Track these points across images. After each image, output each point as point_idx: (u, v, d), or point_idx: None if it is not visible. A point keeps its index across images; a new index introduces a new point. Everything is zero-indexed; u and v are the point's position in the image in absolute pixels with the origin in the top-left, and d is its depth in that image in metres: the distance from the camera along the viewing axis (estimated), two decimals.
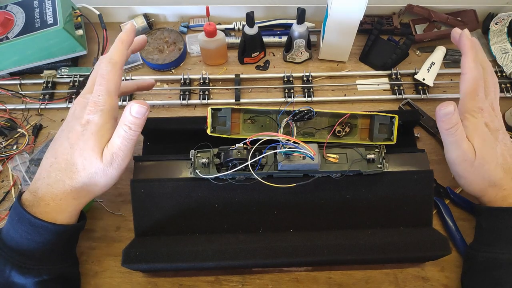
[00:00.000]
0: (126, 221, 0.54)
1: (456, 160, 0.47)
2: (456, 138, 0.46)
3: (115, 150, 0.42)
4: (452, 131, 0.46)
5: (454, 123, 0.45)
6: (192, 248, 0.46)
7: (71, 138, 0.43)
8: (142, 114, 0.42)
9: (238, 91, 0.64)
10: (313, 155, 0.43)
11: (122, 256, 0.45)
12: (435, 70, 0.64)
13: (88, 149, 0.42)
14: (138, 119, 0.42)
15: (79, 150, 0.42)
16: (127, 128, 0.42)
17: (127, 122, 0.42)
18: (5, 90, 0.63)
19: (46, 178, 0.42)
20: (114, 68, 0.43)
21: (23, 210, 0.41)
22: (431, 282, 0.50)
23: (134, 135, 0.42)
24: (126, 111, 0.42)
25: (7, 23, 0.60)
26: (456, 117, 0.45)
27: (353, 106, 0.64)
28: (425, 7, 0.68)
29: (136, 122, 0.42)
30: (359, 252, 0.45)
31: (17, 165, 0.57)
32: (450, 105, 0.45)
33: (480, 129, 0.46)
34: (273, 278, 0.50)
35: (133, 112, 0.41)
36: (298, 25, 0.61)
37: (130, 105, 0.42)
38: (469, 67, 0.47)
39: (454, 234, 0.51)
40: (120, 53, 0.44)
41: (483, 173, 0.46)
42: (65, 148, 0.43)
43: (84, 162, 0.42)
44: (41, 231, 0.41)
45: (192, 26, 0.72)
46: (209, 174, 0.47)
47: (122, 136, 0.42)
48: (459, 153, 0.46)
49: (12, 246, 0.41)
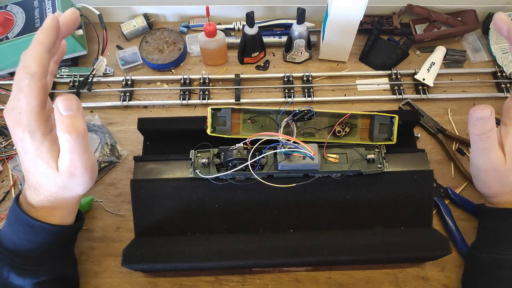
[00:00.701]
0: (126, 221, 0.54)
1: (481, 167, 0.45)
2: (487, 146, 0.43)
3: (68, 165, 0.38)
4: (484, 137, 0.42)
5: (488, 129, 0.42)
6: (192, 248, 0.46)
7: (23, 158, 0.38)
8: (73, 108, 0.35)
9: (238, 91, 0.64)
10: (313, 155, 0.43)
11: (122, 256, 0.45)
12: (435, 70, 0.64)
13: (42, 170, 0.38)
14: (72, 118, 0.35)
15: (36, 172, 0.39)
16: (67, 136, 0.35)
17: (63, 128, 0.35)
18: (5, 90, 0.63)
19: (27, 190, 0.41)
20: (33, 80, 0.34)
21: (21, 211, 0.41)
22: (431, 282, 0.50)
23: (80, 139, 0.36)
24: (56, 113, 0.35)
25: (7, 23, 0.60)
26: (491, 124, 0.41)
27: (353, 106, 0.64)
28: (425, 7, 0.68)
29: (73, 123, 0.35)
30: (359, 252, 0.45)
31: (17, 165, 0.57)
32: (487, 110, 0.41)
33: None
34: (273, 278, 0.50)
35: (62, 110, 0.35)
36: (298, 25, 0.61)
37: (56, 105, 0.35)
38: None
39: (454, 234, 0.51)
40: (38, 60, 0.34)
41: (506, 182, 0.45)
42: (26, 167, 0.39)
43: (47, 179, 0.39)
44: (39, 232, 0.41)
45: (192, 26, 0.72)
46: (209, 174, 0.47)
47: (68, 148, 0.36)
48: (486, 161, 0.44)
49: (10, 247, 0.41)
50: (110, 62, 0.67)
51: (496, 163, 0.44)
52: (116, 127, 0.61)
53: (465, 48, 0.69)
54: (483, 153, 0.44)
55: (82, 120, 0.36)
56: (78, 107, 0.35)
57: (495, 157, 0.43)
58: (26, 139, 0.36)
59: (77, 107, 0.35)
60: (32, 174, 0.39)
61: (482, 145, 0.43)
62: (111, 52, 0.68)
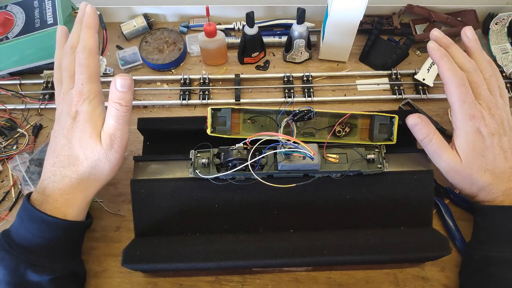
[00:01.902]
0: (126, 221, 0.54)
1: (442, 169, 0.48)
2: (434, 148, 0.47)
3: (112, 131, 0.43)
4: (426, 141, 0.47)
5: (426, 133, 0.46)
6: (192, 248, 0.46)
7: (66, 133, 0.43)
8: (127, 86, 0.42)
9: (238, 91, 0.64)
10: (313, 155, 0.43)
11: (122, 256, 0.45)
12: (435, 70, 0.64)
13: (85, 138, 0.42)
14: (125, 93, 0.42)
15: (77, 141, 0.42)
16: (117, 105, 0.42)
17: (115, 98, 0.42)
18: (5, 90, 0.63)
19: (52, 177, 0.43)
20: (91, 54, 0.44)
21: (34, 209, 0.41)
22: (431, 282, 0.50)
23: (126, 111, 0.43)
24: (112, 87, 0.42)
25: (7, 23, 0.60)
26: (426, 127, 0.46)
27: (353, 106, 0.64)
28: (425, 7, 0.68)
29: (124, 97, 0.42)
30: (359, 252, 0.45)
31: (17, 165, 0.57)
32: (415, 117, 0.47)
33: (469, 138, 0.46)
34: (273, 278, 0.50)
35: (118, 87, 0.42)
36: (298, 25, 0.61)
37: (114, 81, 0.42)
38: (445, 77, 0.47)
39: (454, 234, 0.51)
40: (92, 39, 0.45)
41: (471, 181, 0.47)
42: (63, 145, 0.43)
43: (85, 152, 0.42)
44: (54, 228, 0.42)
45: (192, 26, 0.72)
46: (209, 174, 0.47)
47: (115, 115, 0.43)
48: (441, 163, 0.47)
49: (25, 245, 0.42)
50: (110, 62, 0.67)
51: (451, 164, 0.46)
52: None
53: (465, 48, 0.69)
54: (436, 156, 0.47)
55: (131, 96, 0.43)
56: (131, 86, 0.43)
57: (447, 158, 0.46)
58: (83, 107, 0.42)
59: (130, 86, 0.43)
60: (69, 147, 0.43)
61: (430, 148, 0.47)
62: (111, 52, 0.68)
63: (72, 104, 0.43)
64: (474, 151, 0.46)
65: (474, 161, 0.46)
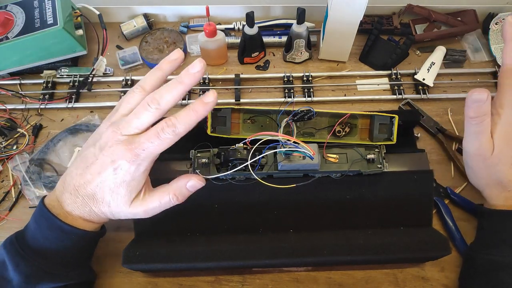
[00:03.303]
0: (126, 221, 0.53)
1: (471, 151, 0.46)
2: (479, 130, 0.44)
3: (149, 210, 0.41)
4: (477, 121, 0.43)
5: (482, 113, 0.43)
6: (192, 248, 0.46)
7: (101, 173, 0.38)
8: (195, 189, 0.41)
9: (238, 91, 0.64)
10: (313, 155, 0.43)
11: (122, 256, 0.45)
12: (435, 70, 0.64)
13: (118, 194, 0.39)
14: (189, 192, 0.41)
15: (109, 190, 0.39)
16: (174, 198, 0.41)
17: (178, 192, 0.41)
18: (5, 90, 0.63)
19: (73, 197, 0.40)
20: (175, 138, 0.38)
21: (54, 217, 0.40)
22: (431, 282, 0.50)
23: (176, 203, 0.41)
24: (182, 181, 0.41)
25: (7, 23, 0.60)
26: (486, 108, 0.43)
27: (353, 106, 0.64)
28: (425, 7, 0.68)
29: (186, 194, 0.41)
30: (359, 252, 0.45)
31: (17, 165, 0.57)
32: (484, 93, 0.42)
33: (510, 128, 0.44)
34: (273, 278, 0.50)
35: (189, 186, 0.41)
36: (298, 25, 0.61)
37: (189, 178, 0.41)
38: (509, 57, 0.44)
39: (454, 234, 0.51)
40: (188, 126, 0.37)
41: (494, 171, 0.45)
42: (94, 180, 0.39)
43: (111, 202, 0.40)
44: (73, 238, 0.42)
45: (192, 26, 0.72)
46: (209, 174, 0.47)
47: (164, 203, 0.41)
48: (476, 145, 0.45)
49: (40, 251, 0.41)
50: (110, 62, 0.67)
51: (485, 150, 0.44)
52: None
53: (465, 48, 0.69)
54: (474, 138, 0.45)
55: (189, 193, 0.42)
56: (201, 185, 0.41)
57: (485, 143, 0.44)
58: (130, 169, 0.38)
59: (200, 185, 0.41)
60: (101, 190, 0.39)
61: (475, 129, 0.44)
62: (111, 52, 0.69)
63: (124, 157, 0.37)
64: (510, 142, 0.44)
65: (506, 153, 0.44)
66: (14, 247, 0.41)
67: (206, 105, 0.37)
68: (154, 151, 0.38)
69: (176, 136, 0.38)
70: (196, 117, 0.37)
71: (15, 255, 0.40)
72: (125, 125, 0.38)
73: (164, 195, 0.41)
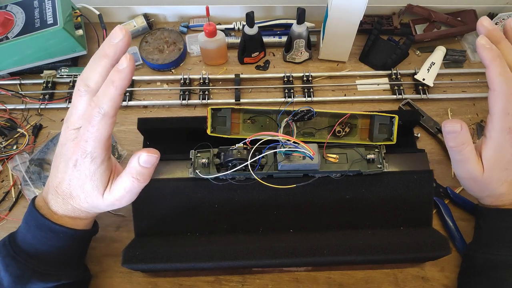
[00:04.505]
0: (126, 221, 0.54)
1: (460, 175, 0.46)
2: (462, 158, 0.43)
3: (118, 198, 0.40)
4: (457, 150, 0.43)
5: (460, 143, 0.42)
6: (192, 248, 0.46)
7: (67, 172, 0.39)
8: (151, 163, 0.39)
9: (238, 91, 0.64)
10: (313, 155, 0.43)
11: (122, 256, 0.45)
12: (435, 70, 0.64)
13: (86, 189, 0.39)
14: (146, 169, 0.39)
15: (79, 186, 0.39)
16: (134, 180, 0.39)
17: (134, 173, 0.39)
18: (5, 90, 0.63)
19: (55, 197, 0.41)
20: (104, 118, 0.35)
21: (42, 217, 0.41)
22: (431, 282, 0.50)
23: (141, 186, 0.40)
24: (134, 160, 0.39)
25: (7, 23, 0.60)
26: (463, 137, 0.42)
27: (353, 106, 0.64)
28: (425, 7, 0.68)
29: (144, 172, 0.39)
30: (359, 252, 0.45)
31: (17, 165, 0.57)
32: (457, 124, 0.41)
33: (501, 152, 0.43)
34: (273, 278, 0.50)
35: (142, 162, 0.39)
36: (298, 25, 0.61)
37: (139, 154, 0.39)
38: (496, 83, 0.40)
39: (454, 234, 0.51)
40: (112, 102, 0.35)
41: (486, 189, 0.45)
42: (64, 179, 0.40)
43: (87, 198, 0.40)
44: (61, 237, 0.42)
45: (192, 26, 0.72)
46: (209, 174, 0.47)
47: (128, 188, 0.40)
48: (463, 171, 0.45)
49: (30, 252, 0.41)
50: None
51: (473, 174, 0.44)
52: (116, 127, 0.61)
53: (465, 48, 0.69)
54: (460, 164, 0.45)
55: (152, 172, 0.41)
56: (155, 163, 0.40)
57: (471, 168, 0.44)
58: (84, 162, 0.38)
59: (155, 163, 0.40)
60: (72, 187, 0.40)
61: (458, 157, 0.44)
62: None
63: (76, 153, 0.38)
64: (501, 164, 0.43)
65: (497, 173, 0.44)
66: (6, 248, 0.41)
67: (120, 72, 0.34)
68: (96, 139, 0.36)
69: (105, 117, 0.35)
70: (116, 89, 0.35)
71: (6, 256, 0.41)
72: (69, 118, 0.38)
73: (125, 180, 0.40)
